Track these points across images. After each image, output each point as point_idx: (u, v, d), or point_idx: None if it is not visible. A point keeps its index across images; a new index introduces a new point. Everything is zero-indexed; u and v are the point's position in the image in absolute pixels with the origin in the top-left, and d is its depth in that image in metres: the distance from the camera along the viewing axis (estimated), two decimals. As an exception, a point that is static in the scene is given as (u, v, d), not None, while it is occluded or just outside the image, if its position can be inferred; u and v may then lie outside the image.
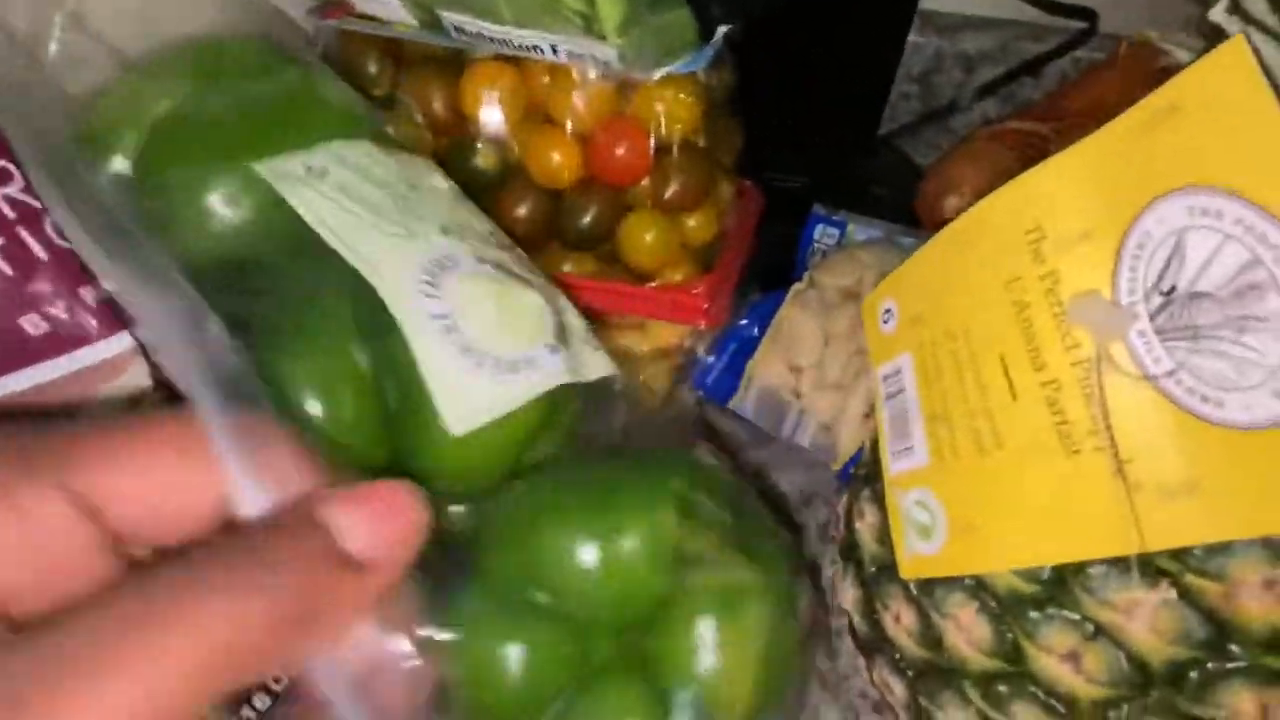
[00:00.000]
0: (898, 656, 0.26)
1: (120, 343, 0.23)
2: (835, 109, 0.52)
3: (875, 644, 0.27)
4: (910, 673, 0.25)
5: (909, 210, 0.46)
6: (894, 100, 0.56)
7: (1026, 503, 0.19)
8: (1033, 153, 0.46)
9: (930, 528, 0.22)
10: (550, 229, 0.38)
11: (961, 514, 0.21)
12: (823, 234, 0.47)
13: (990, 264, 0.20)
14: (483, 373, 0.22)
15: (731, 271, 0.40)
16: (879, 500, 0.26)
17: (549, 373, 0.23)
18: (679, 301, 0.37)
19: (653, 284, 0.38)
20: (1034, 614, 0.20)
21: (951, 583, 0.22)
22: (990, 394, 0.20)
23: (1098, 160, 0.17)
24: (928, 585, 0.23)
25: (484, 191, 0.37)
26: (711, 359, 0.44)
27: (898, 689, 0.26)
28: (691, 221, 0.38)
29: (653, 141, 0.35)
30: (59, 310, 0.21)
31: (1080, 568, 0.19)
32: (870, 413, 0.40)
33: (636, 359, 0.40)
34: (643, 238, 0.37)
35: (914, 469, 0.22)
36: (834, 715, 0.32)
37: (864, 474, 0.27)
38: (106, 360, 0.23)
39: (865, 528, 0.26)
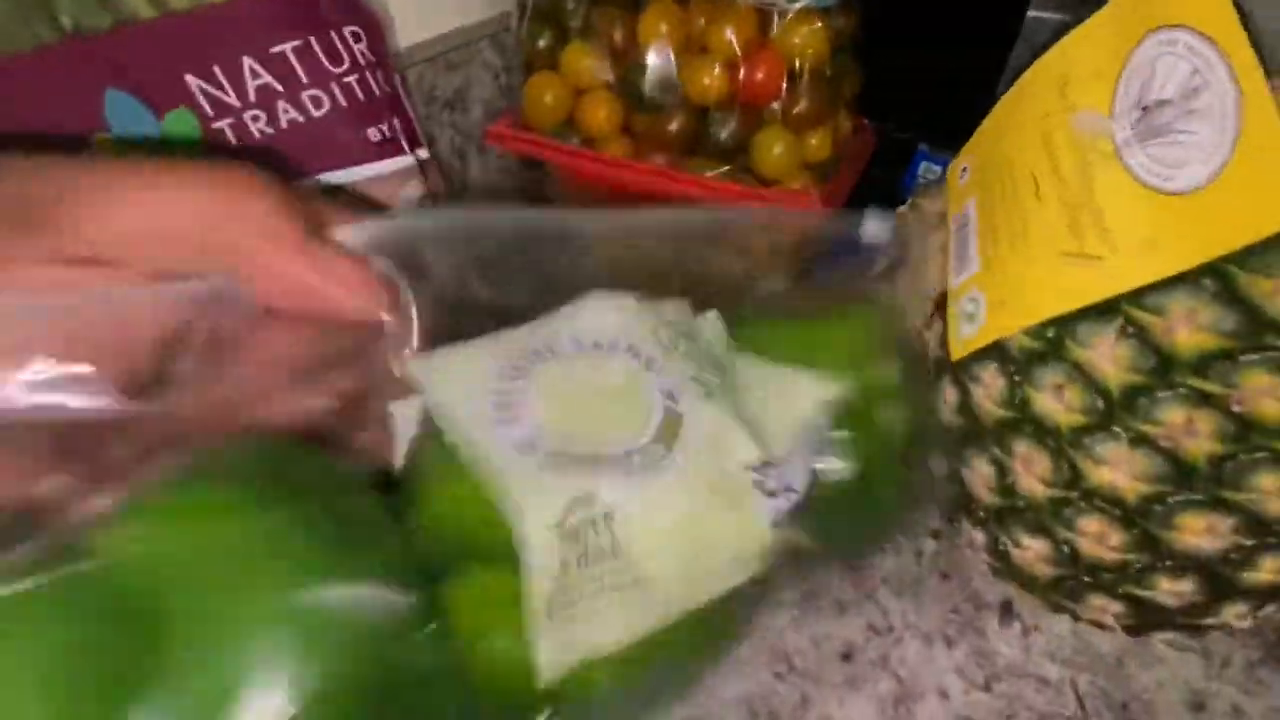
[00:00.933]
0: (944, 436, 0.33)
1: (419, 155, 0.34)
2: (952, 71, 0.59)
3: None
4: (950, 445, 0.33)
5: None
6: (1014, 71, 0.62)
7: (1039, 276, 0.27)
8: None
9: (975, 314, 0.30)
10: (697, 139, 0.48)
11: (996, 295, 0.29)
12: (926, 170, 0.54)
13: (1030, 109, 0.28)
14: None
15: (843, 188, 0.48)
16: (944, 318, 0.33)
17: None
18: (797, 203, 0.45)
19: (773, 191, 0.47)
20: (1037, 365, 0.28)
21: (983, 354, 0.30)
22: (1023, 201, 0.28)
23: (1109, 20, 0.25)
24: (966, 363, 0.30)
25: (648, 107, 0.48)
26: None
27: (942, 463, 0.34)
28: (813, 140, 0.47)
29: (787, 68, 0.44)
30: (387, 129, 0.33)
31: (1071, 322, 0.26)
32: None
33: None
34: (771, 149, 0.46)
35: (969, 276, 0.30)
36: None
37: (934, 309, 0.35)
38: (408, 168, 0.34)
39: (933, 340, 0.34)
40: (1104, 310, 0.25)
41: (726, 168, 0.48)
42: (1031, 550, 0.30)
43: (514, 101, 0.55)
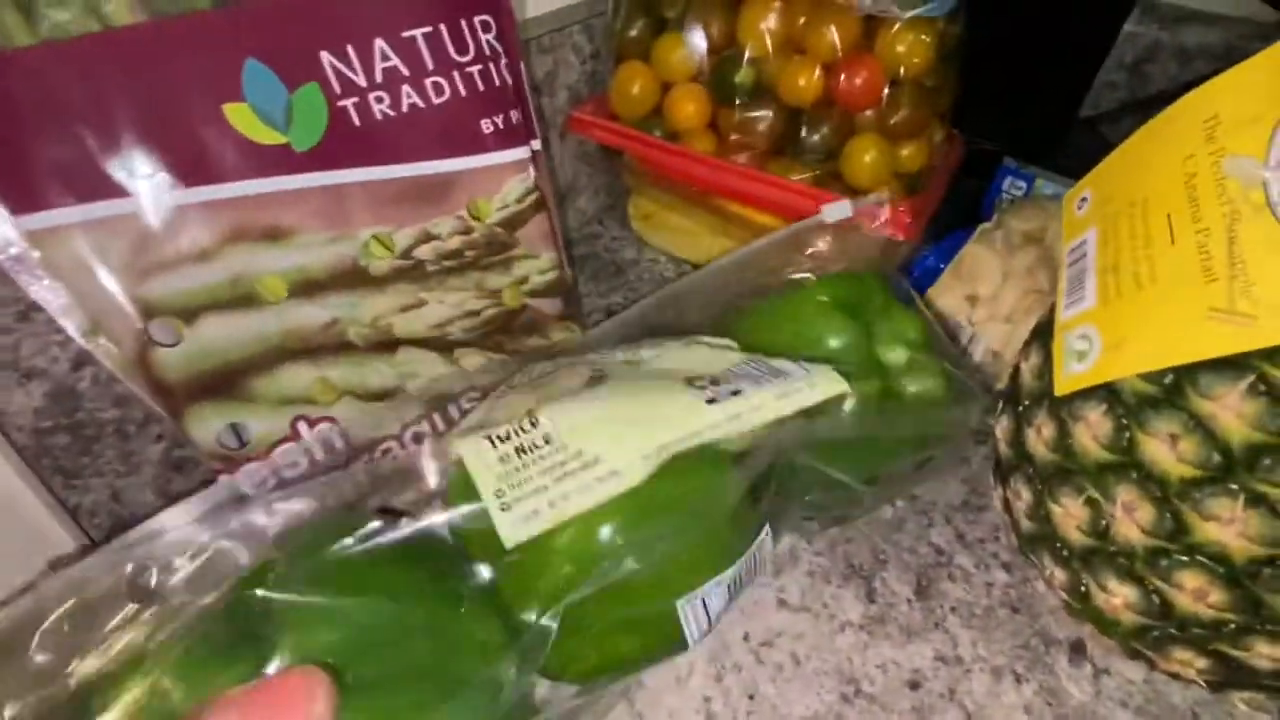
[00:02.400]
0: (1030, 470, 0.33)
1: (533, 146, 0.34)
2: (1042, 83, 0.58)
3: (1014, 464, 0.34)
4: (1038, 479, 0.32)
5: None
6: (1100, 86, 0.60)
7: (1167, 320, 0.26)
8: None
9: (1086, 352, 0.29)
10: (785, 141, 0.47)
11: (1113, 336, 0.28)
12: (1011, 185, 0.53)
13: (1172, 147, 0.27)
14: None
15: (931, 200, 0.47)
16: (1044, 348, 0.33)
17: None
18: (884, 214, 0.44)
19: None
20: (1149, 410, 0.27)
21: (1089, 393, 0.29)
22: (1154, 243, 0.27)
23: (1269, 64, 0.24)
24: (1070, 400, 0.30)
25: (738, 102, 0.47)
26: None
27: (1025, 495, 0.33)
28: (905, 151, 0.46)
29: (889, 76, 0.43)
30: (503, 120, 0.32)
31: (1193, 371, 0.25)
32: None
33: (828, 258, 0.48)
34: (863, 158, 0.45)
35: (1082, 311, 0.29)
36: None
37: (1035, 335, 0.34)
38: (520, 160, 0.33)
39: (1027, 369, 0.33)
40: (1233, 363, 0.25)
41: (812, 173, 0.47)
42: (1119, 597, 0.30)
43: (600, 89, 0.54)
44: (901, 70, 0.43)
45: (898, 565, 0.38)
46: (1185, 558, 0.27)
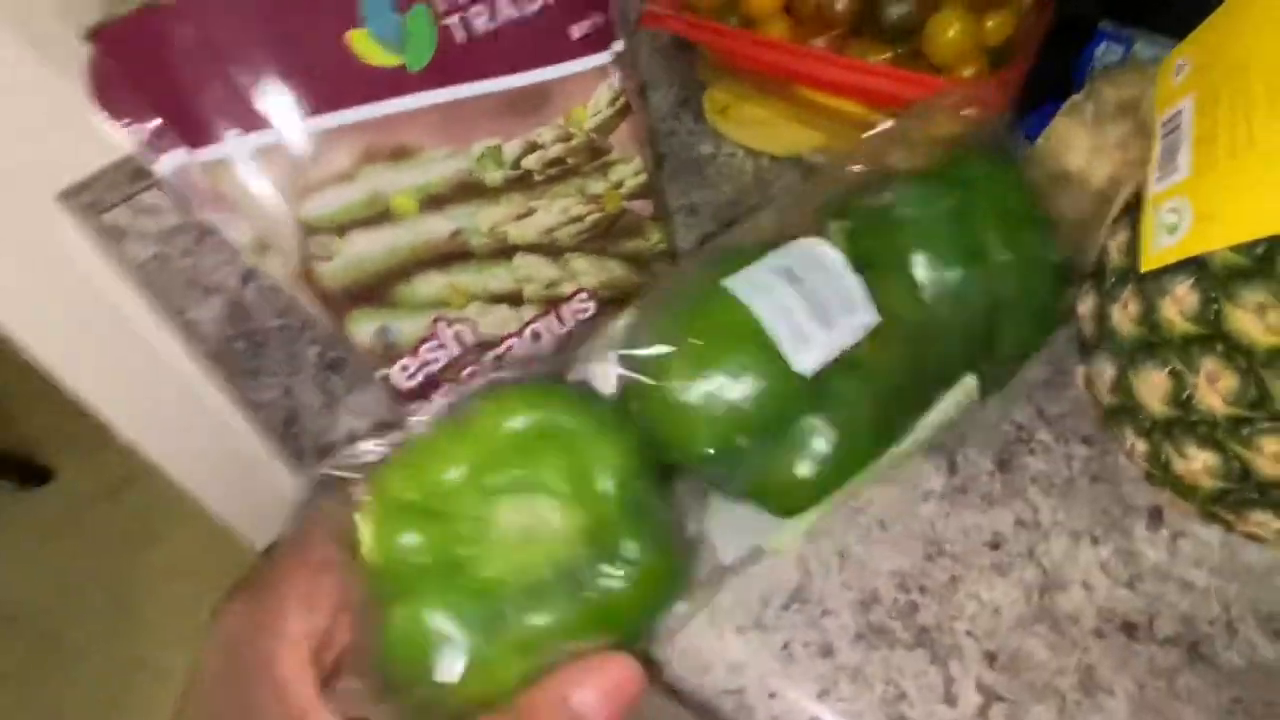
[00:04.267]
0: (1114, 345, 0.33)
1: (616, 49, 0.35)
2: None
3: (1097, 340, 0.35)
4: (1122, 354, 0.33)
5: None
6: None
7: (1263, 189, 0.26)
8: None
9: (1176, 225, 0.29)
10: (863, 21, 0.46)
11: (1205, 208, 0.28)
12: (1106, 51, 0.50)
13: (1274, 11, 0.26)
14: None
15: (1019, 73, 0.46)
16: (1132, 225, 0.33)
17: None
18: (975, 94, 0.43)
19: (946, 77, 0.45)
20: (1238, 282, 0.27)
21: (1177, 267, 0.29)
22: (1255, 109, 0.26)
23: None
24: (1156, 274, 0.30)
25: (817, -16, 0.46)
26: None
27: (1109, 371, 0.34)
28: (990, 22, 0.44)
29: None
30: (590, 25, 0.33)
31: (1291, 242, 0.26)
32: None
33: (918, 144, 0.47)
34: (946, 33, 0.44)
35: (1175, 183, 0.29)
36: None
37: (1124, 211, 0.34)
38: (606, 64, 0.34)
39: (1115, 245, 0.33)
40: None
41: (892, 53, 0.46)
42: (1199, 462, 0.31)
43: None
44: (990, -65, 0.41)
45: (978, 441, 0.40)
46: (1268, 424, 0.28)
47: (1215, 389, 0.29)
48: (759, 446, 0.29)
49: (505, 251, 0.35)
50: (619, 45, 0.35)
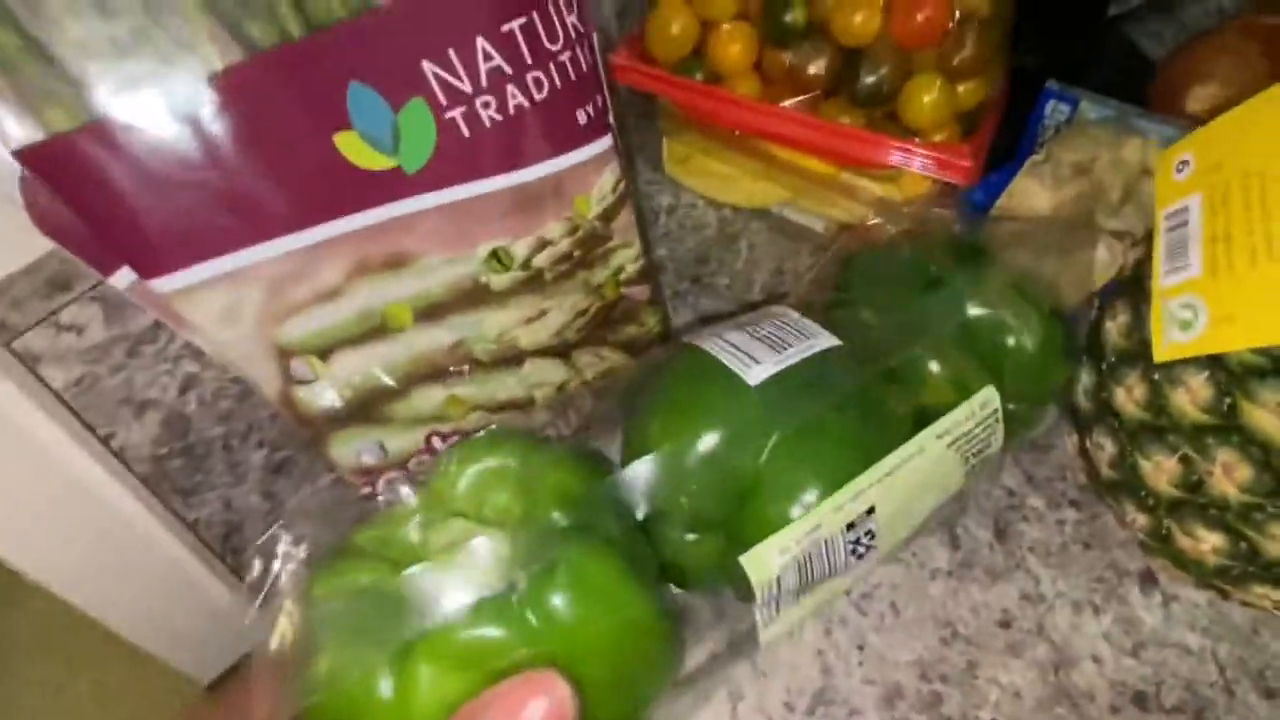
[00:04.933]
0: (1116, 424, 0.34)
1: (613, 131, 0.32)
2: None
3: (1095, 417, 0.36)
4: (1124, 434, 0.34)
5: (1131, 93, 0.51)
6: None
7: (1286, 299, 0.27)
8: (1277, 50, 0.49)
9: (1191, 322, 0.30)
10: (839, 82, 0.45)
11: (1222, 310, 0.28)
12: (1054, 110, 0.52)
13: (1296, 123, 0.27)
14: None
15: (987, 137, 0.47)
16: (1132, 308, 0.34)
17: None
18: (947, 160, 0.44)
19: (919, 142, 0.45)
20: (1256, 380, 0.28)
21: (1190, 360, 0.30)
22: (1273, 218, 0.27)
23: None
24: (1169, 366, 0.31)
25: (789, 42, 0.45)
26: (938, 218, 0.51)
27: (1109, 447, 0.35)
28: (963, 88, 0.45)
29: (953, 11, 0.41)
30: (592, 108, 0.31)
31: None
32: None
33: (887, 205, 0.48)
34: (923, 98, 0.44)
35: (1186, 280, 0.30)
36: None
37: (1118, 292, 0.35)
38: (606, 151, 0.32)
39: (1115, 327, 0.34)
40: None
41: (866, 117, 0.46)
42: (1207, 544, 0.32)
43: (631, 29, 0.51)
44: (964, 4, 0.41)
45: (975, 510, 0.40)
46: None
47: (1231, 479, 0.30)
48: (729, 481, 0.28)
49: (515, 359, 0.32)
50: (612, 122, 0.32)
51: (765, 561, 0.27)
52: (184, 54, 0.21)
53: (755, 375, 0.28)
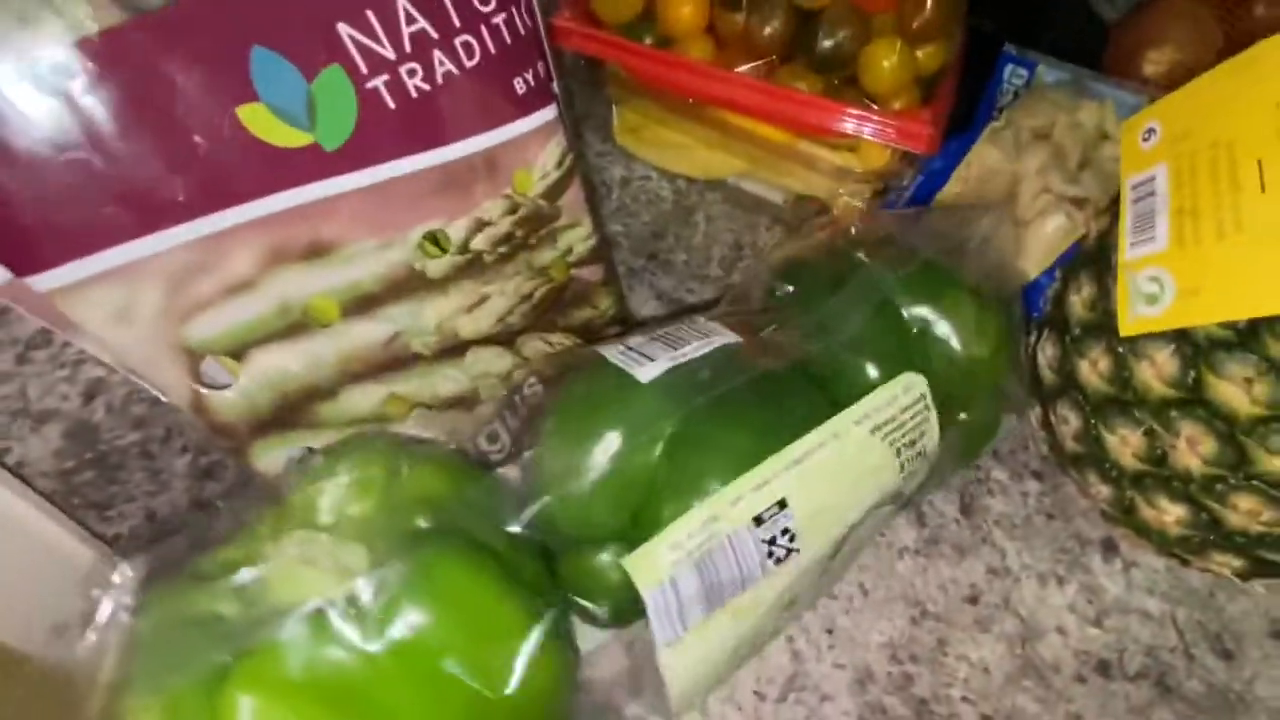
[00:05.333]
0: (1081, 397, 0.34)
1: (558, 100, 0.30)
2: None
3: (1059, 389, 0.35)
4: (1088, 407, 0.33)
5: (1086, 57, 0.50)
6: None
7: (1255, 271, 0.26)
8: (1231, 14, 0.49)
9: (1158, 295, 0.29)
10: (796, 47, 0.43)
11: (1190, 283, 0.28)
12: (1012, 74, 0.51)
13: (1260, 90, 0.26)
14: None
15: (946, 103, 0.45)
16: (1096, 280, 0.33)
17: None
18: (906, 127, 0.42)
19: (878, 109, 0.43)
20: (1222, 353, 0.28)
21: (1158, 335, 0.29)
22: (1242, 190, 0.26)
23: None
24: (1134, 339, 0.30)
25: (743, 4, 0.43)
26: (898, 192, 0.50)
27: (1073, 421, 0.34)
28: (921, 53, 0.43)
29: (911, -28, 0.39)
30: (532, 76, 0.28)
31: (1273, 319, 0.26)
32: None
33: (848, 176, 0.46)
34: (882, 63, 0.42)
35: (1152, 253, 0.29)
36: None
37: (1082, 262, 0.34)
38: (550, 122, 0.29)
39: (1079, 300, 0.34)
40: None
41: (824, 83, 0.44)
42: (1171, 515, 0.32)
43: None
44: (925, -35, 0.39)
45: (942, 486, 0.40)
46: (1243, 483, 0.29)
47: (1195, 452, 0.30)
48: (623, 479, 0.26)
49: (457, 349, 0.29)
50: (556, 91, 0.30)
51: (653, 560, 0.24)
52: (47, 14, 0.18)
53: (647, 373, 0.27)
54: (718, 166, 0.51)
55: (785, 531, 0.26)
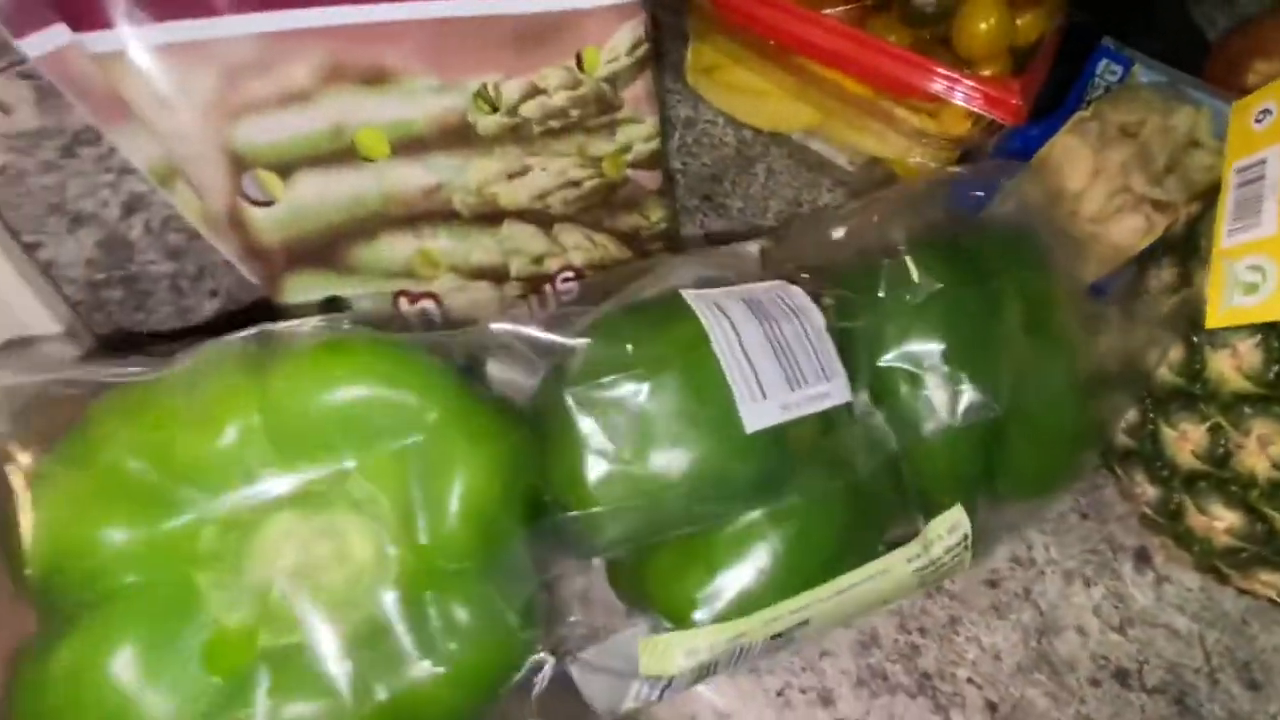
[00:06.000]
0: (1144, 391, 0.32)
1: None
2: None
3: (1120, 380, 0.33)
4: (1149, 400, 0.31)
5: (1182, 66, 0.48)
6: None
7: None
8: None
9: (1258, 284, 0.27)
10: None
11: (1295, 269, 0.26)
12: (1106, 69, 0.49)
13: None
14: None
15: (1036, 81, 0.43)
16: (1180, 268, 0.31)
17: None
18: (996, 95, 0.40)
19: (969, 73, 0.41)
20: (1315, 351, 0.26)
21: (1243, 325, 0.27)
22: (1370, 170, 0.24)
23: None
24: (1215, 330, 0.28)
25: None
26: (970, 172, 0.48)
27: (1132, 416, 0.33)
28: (1021, 20, 0.41)
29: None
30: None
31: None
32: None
33: (925, 139, 0.44)
34: (979, 25, 0.40)
35: (1255, 239, 0.27)
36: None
37: (1165, 251, 0.33)
38: (633, 3, 0.28)
39: (1156, 287, 0.32)
40: None
41: (914, 37, 0.42)
42: (1222, 522, 0.30)
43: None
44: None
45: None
46: (1311, 493, 0.27)
47: (1265, 452, 0.28)
48: (675, 521, 0.23)
49: (493, 217, 0.28)
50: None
51: (667, 657, 0.23)
52: None
53: (755, 418, 0.23)
54: (787, 119, 0.50)
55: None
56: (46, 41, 0.19)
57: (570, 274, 0.31)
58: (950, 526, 0.27)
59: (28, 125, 0.24)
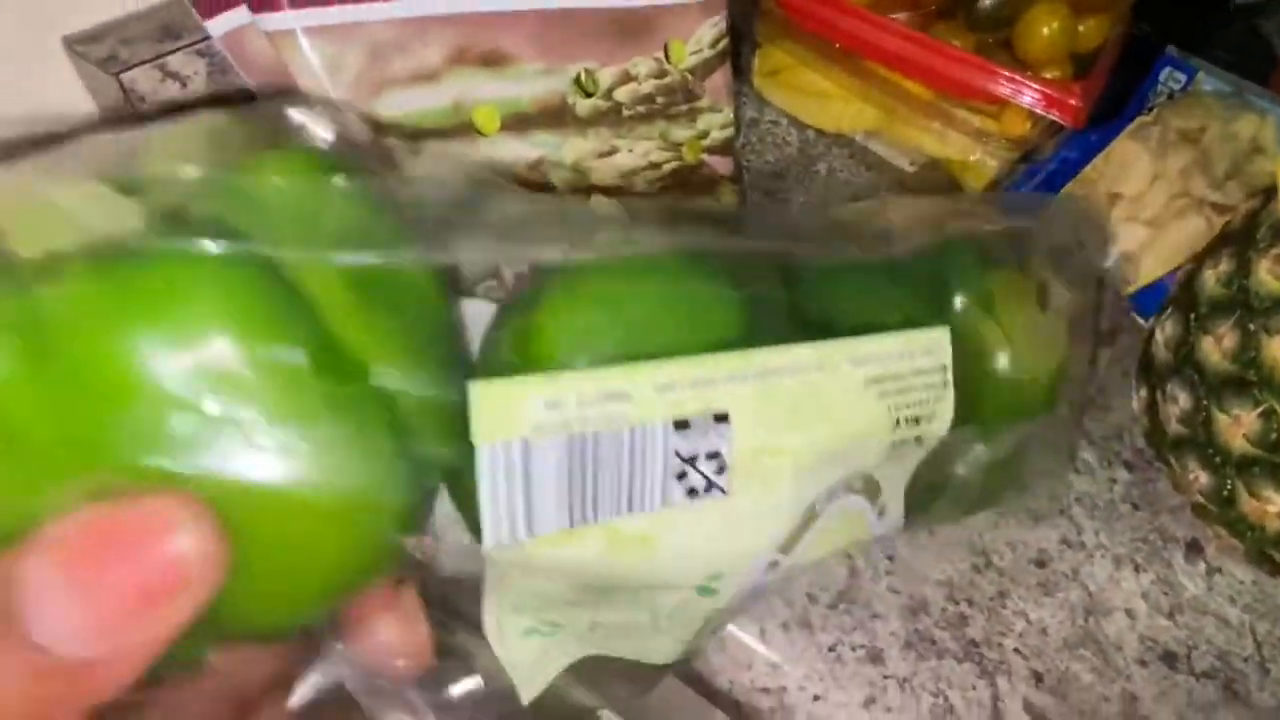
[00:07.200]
0: (1196, 375, 0.33)
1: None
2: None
3: (1173, 369, 0.34)
4: (1203, 386, 0.32)
5: (1250, 78, 0.49)
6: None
7: None
8: None
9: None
10: (957, 2, 0.43)
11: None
12: (1169, 76, 0.50)
13: None
14: None
15: (1097, 86, 0.45)
16: (1238, 257, 0.32)
17: None
18: (1057, 97, 0.42)
19: (1031, 75, 0.43)
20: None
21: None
22: None
23: None
24: (1266, 313, 0.29)
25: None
26: (1029, 172, 0.49)
27: (1183, 401, 0.33)
28: (1083, 27, 0.42)
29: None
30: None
31: None
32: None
33: (986, 140, 0.46)
34: (1042, 29, 0.42)
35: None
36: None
37: (1225, 241, 0.34)
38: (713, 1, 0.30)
39: (1214, 275, 0.33)
40: None
41: (978, 41, 0.44)
42: (1275, 505, 0.31)
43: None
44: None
45: (1025, 454, 0.39)
46: (1365, 475, 0.28)
47: (1317, 435, 0.29)
48: None
49: (584, 191, 0.31)
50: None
51: (511, 403, 0.15)
52: None
53: None
54: (850, 120, 0.52)
55: (713, 456, 0.18)
56: (230, 21, 0.23)
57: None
58: (926, 345, 0.21)
59: (200, 94, 0.27)
